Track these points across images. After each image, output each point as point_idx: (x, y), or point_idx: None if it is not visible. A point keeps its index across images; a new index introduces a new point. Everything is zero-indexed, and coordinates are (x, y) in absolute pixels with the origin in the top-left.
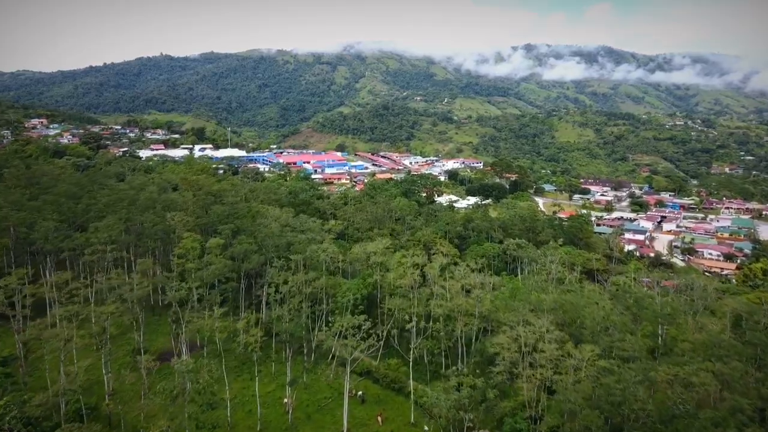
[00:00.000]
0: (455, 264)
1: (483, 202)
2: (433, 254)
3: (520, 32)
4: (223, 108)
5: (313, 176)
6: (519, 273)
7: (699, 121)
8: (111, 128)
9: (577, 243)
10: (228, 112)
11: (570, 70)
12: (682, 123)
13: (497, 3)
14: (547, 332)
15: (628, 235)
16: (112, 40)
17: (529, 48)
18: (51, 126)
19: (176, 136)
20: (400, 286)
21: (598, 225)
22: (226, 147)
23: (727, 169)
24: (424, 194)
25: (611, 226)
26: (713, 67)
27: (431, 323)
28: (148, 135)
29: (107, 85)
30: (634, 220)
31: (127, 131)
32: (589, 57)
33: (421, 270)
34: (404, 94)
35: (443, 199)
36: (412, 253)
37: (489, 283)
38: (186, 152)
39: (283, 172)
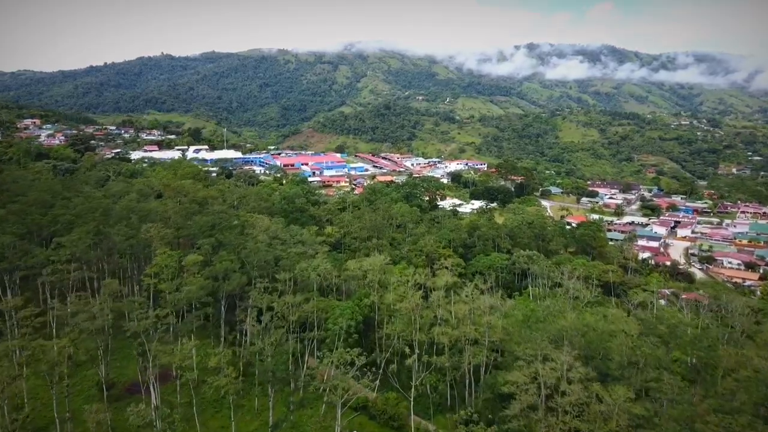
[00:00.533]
0: (461, 275)
1: (488, 207)
2: (437, 269)
3: (522, 32)
4: (224, 108)
5: (310, 179)
6: (530, 286)
7: (704, 120)
8: (106, 129)
9: (590, 252)
10: (229, 111)
11: (573, 70)
12: (688, 123)
13: (500, 3)
14: (570, 370)
15: (641, 242)
16: (113, 40)
17: (531, 47)
18: (44, 127)
19: (172, 136)
20: (399, 310)
21: (609, 230)
22: (222, 148)
23: (734, 170)
24: (427, 198)
25: (623, 232)
26: (717, 66)
27: (435, 355)
28: (144, 136)
29: (107, 84)
30: (647, 225)
31: (122, 132)
32: (591, 56)
33: (424, 289)
34: (406, 93)
35: (446, 203)
36: (413, 271)
37: (500, 306)
38: (179, 154)
39: (279, 175)
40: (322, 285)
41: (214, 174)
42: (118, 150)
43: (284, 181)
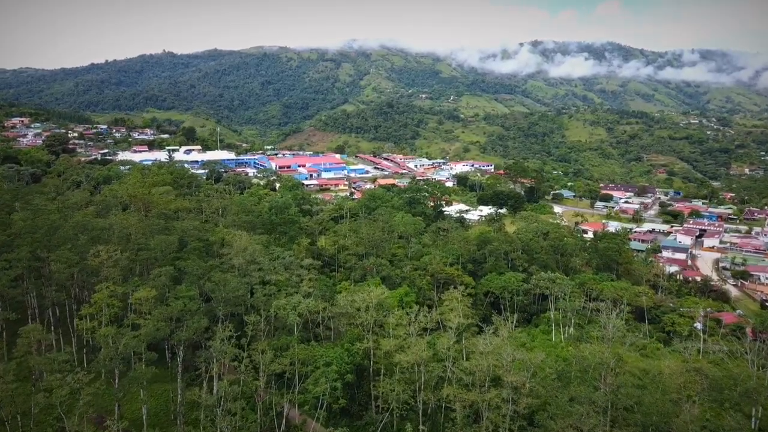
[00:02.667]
0: (470, 296)
1: (498, 214)
2: (445, 298)
3: (528, 30)
4: (225, 106)
5: (307, 182)
6: (550, 310)
7: (714, 119)
8: (96, 127)
9: (615, 268)
10: (230, 110)
11: (577, 67)
12: (697, 122)
13: (505, 1)
14: None
15: (666, 254)
16: (116, 38)
17: (535, 44)
18: (32, 126)
19: (165, 136)
20: (399, 363)
21: (629, 239)
22: (216, 148)
23: (747, 170)
24: (431, 204)
25: (643, 241)
26: (723, 63)
27: (443, 420)
28: (135, 135)
29: (108, 82)
30: (669, 233)
31: (113, 131)
32: (596, 53)
33: (430, 332)
34: (409, 91)
35: (453, 209)
36: (417, 309)
37: (528, 364)
38: (165, 156)
39: (273, 178)
40: (308, 320)
41: (204, 177)
42: (106, 150)
43: (278, 186)
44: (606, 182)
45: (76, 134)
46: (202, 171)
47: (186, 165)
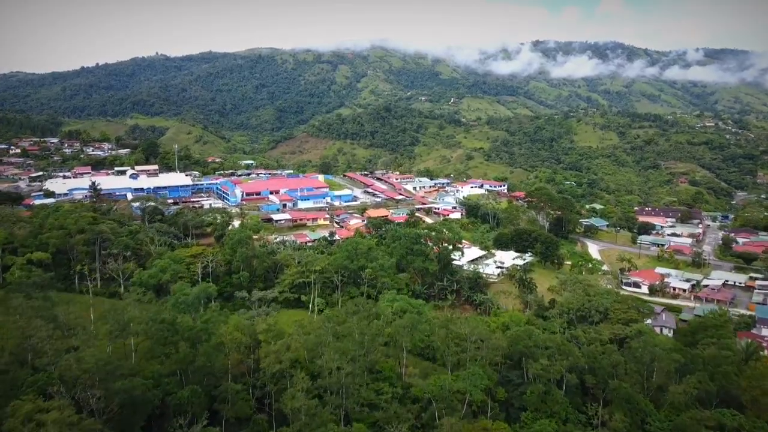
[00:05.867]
0: None
1: (525, 270)
2: None
3: (528, 29)
4: (216, 110)
5: (276, 217)
6: None
7: (730, 122)
8: (45, 142)
9: (728, 392)
10: (221, 114)
11: (580, 67)
12: (713, 124)
13: (506, 0)
14: None
15: (765, 331)
16: (111, 40)
17: (536, 44)
18: None
19: (123, 151)
20: None
21: (696, 297)
22: (190, 166)
23: None
24: (435, 252)
25: (719, 302)
26: (728, 62)
27: None
28: (89, 150)
29: (98, 86)
30: (750, 287)
31: (65, 146)
32: (599, 53)
33: None
34: (408, 94)
35: (464, 261)
36: None
37: None
38: (87, 182)
39: (233, 211)
40: None
41: (139, 211)
42: (40, 173)
43: (235, 224)
44: (624, 193)
45: (18, 150)
46: (137, 206)
47: (129, 194)
